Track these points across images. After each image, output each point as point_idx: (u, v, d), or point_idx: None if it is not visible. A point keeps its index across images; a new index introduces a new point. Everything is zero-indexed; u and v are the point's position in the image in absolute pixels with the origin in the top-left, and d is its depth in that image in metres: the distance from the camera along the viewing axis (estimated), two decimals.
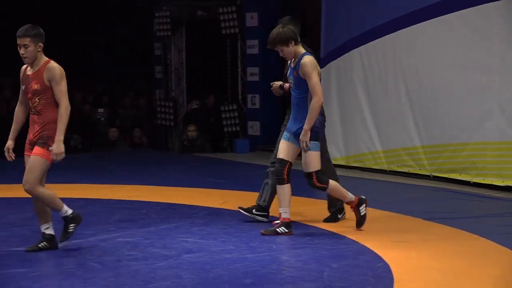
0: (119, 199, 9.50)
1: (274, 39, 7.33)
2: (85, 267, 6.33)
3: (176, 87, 16.41)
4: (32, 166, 6.65)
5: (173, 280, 5.90)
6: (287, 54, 7.35)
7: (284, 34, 7.29)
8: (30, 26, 6.70)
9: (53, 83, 6.63)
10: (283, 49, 7.32)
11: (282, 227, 7.45)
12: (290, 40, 7.28)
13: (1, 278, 6.00)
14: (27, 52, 6.65)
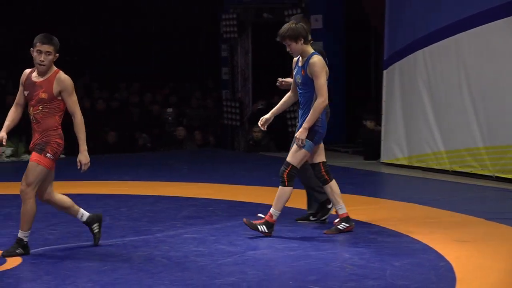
0: (187, 196, 9.64)
1: (284, 33, 7.25)
2: (152, 262, 6.47)
3: (242, 88, 16.57)
4: (29, 170, 6.59)
5: (238, 276, 6.01)
6: (294, 51, 7.31)
7: (296, 30, 7.22)
8: (51, 35, 6.64)
9: (65, 94, 6.59)
10: (291, 45, 7.26)
11: (343, 224, 7.49)
12: (299, 37, 7.23)
13: (74, 271, 6.18)
14: (46, 60, 6.55)
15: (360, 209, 8.66)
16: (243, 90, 16.58)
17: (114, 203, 9.23)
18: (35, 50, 6.55)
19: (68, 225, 7.86)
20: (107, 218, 8.26)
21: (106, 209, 8.75)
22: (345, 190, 10.03)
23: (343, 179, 11.11)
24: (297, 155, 7.37)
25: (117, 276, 6.05)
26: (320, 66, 7.21)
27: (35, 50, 6.55)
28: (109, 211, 8.66)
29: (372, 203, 9.25)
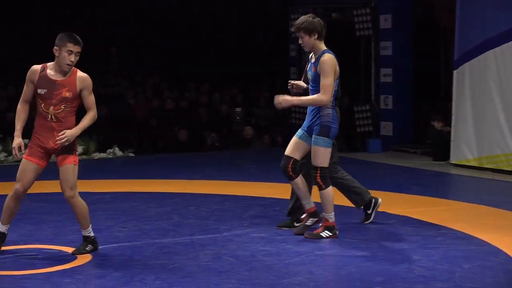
0: (254, 195, 9.68)
1: (301, 25, 7.12)
2: (220, 261, 6.52)
3: None
4: (68, 174, 6.58)
5: (306, 276, 6.02)
6: (306, 44, 7.18)
7: (312, 24, 7.13)
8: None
9: (86, 92, 6.56)
10: (304, 38, 7.13)
11: (311, 219, 7.50)
12: (314, 32, 7.13)
13: (142, 269, 6.26)
14: (75, 61, 6.53)
15: (428, 211, 8.60)
16: None
17: (183, 201, 9.31)
18: (65, 50, 6.44)
19: (138, 223, 7.96)
20: (175, 217, 8.36)
21: (175, 207, 8.86)
22: (414, 191, 10.00)
23: (412, 180, 11.08)
24: (319, 156, 7.19)
25: (185, 274, 6.11)
26: (330, 65, 7.09)
27: (65, 50, 6.44)
28: (178, 209, 8.75)
29: (441, 205, 9.16)
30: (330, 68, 7.08)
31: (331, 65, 7.10)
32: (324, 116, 7.18)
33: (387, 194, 9.80)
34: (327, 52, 7.16)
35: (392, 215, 8.43)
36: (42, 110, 6.51)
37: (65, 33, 6.53)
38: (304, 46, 7.24)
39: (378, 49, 15.34)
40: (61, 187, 6.63)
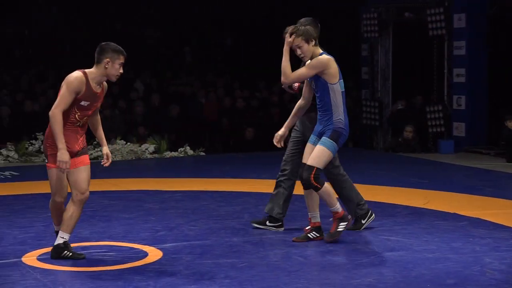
0: None
1: (297, 32, 6.93)
2: (289, 260, 6.52)
3: (382, 87, 16.45)
4: (88, 175, 6.52)
5: (375, 277, 5.99)
6: (306, 52, 6.95)
7: (308, 30, 6.93)
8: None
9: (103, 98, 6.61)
10: (302, 47, 6.93)
11: (314, 232, 7.23)
12: (312, 38, 6.93)
13: (212, 267, 6.31)
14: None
15: (502, 213, 8.47)
16: (383, 90, 16.47)
17: (253, 200, 9.34)
18: (118, 63, 6.39)
19: (208, 222, 8.01)
20: (245, 216, 8.39)
21: (245, 207, 8.89)
22: (486, 193, 9.85)
23: (484, 181, 10.92)
24: (320, 157, 6.91)
25: (254, 273, 6.13)
26: (318, 64, 6.85)
27: (118, 63, 6.39)
28: (248, 208, 8.78)
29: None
30: (316, 66, 6.86)
31: (318, 64, 6.85)
32: (336, 122, 6.93)
33: (459, 196, 9.70)
34: (324, 54, 6.95)
35: (464, 216, 8.32)
36: (75, 118, 6.40)
37: (112, 44, 6.42)
38: (304, 55, 6.98)
39: (452, 48, 15.16)
40: (77, 187, 6.47)
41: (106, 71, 6.36)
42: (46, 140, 6.47)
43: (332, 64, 6.91)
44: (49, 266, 6.33)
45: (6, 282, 5.91)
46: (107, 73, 6.36)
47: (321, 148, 6.89)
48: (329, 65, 6.89)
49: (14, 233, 7.61)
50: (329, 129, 6.92)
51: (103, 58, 6.35)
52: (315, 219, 7.25)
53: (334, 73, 6.90)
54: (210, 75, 19.91)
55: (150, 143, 14.11)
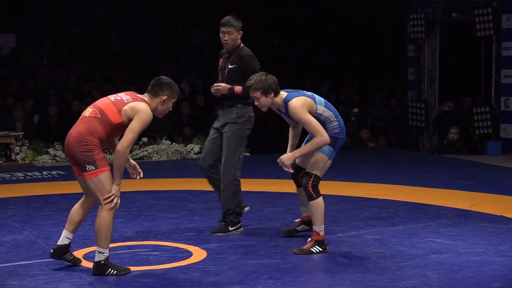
0: (368, 197, 9.63)
1: (256, 86, 6.74)
2: (334, 262, 6.52)
3: (428, 88, 16.34)
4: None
5: (420, 280, 5.96)
6: (263, 104, 6.80)
7: (266, 83, 6.72)
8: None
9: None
10: (260, 99, 6.78)
11: (303, 225, 7.37)
12: (270, 91, 6.73)
13: (256, 268, 6.33)
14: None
15: None
16: (429, 91, 16.34)
17: (297, 201, 9.28)
18: (171, 102, 6.38)
19: (252, 222, 8.03)
20: (289, 217, 8.40)
21: (289, 207, 8.89)
22: None
23: None
24: (319, 163, 6.85)
25: (298, 274, 6.13)
26: (300, 109, 6.70)
27: (171, 102, 6.38)
28: (292, 209, 8.77)
29: None
30: (303, 111, 6.70)
31: (302, 109, 6.71)
32: (331, 129, 6.87)
33: (506, 198, 9.59)
34: (289, 99, 6.78)
35: (511, 219, 8.24)
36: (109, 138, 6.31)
37: (172, 82, 6.36)
38: (261, 106, 6.85)
39: (500, 49, 15.00)
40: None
41: (160, 106, 6.27)
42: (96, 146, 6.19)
43: (303, 102, 6.78)
44: None
45: (52, 280, 5.99)
46: (159, 108, 6.28)
47: (319, 155, 6.88)
48: (305, 103, 6.77)
49: (61, 232, 7.66)
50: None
51: (160, 94, 6.26)
52: (305, 213, 7.34)
53: (310, 104, 6.81)
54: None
55: (195, 143, 14.17)
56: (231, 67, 7.80)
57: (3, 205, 9.25)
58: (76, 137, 6.08)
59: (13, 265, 6.42)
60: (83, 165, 6.05)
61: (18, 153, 13.60)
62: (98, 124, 6.09)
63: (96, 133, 6.08)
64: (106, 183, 6.08)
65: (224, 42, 7.80)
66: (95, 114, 6.13)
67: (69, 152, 6.15)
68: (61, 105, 16.29)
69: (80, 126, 6.12)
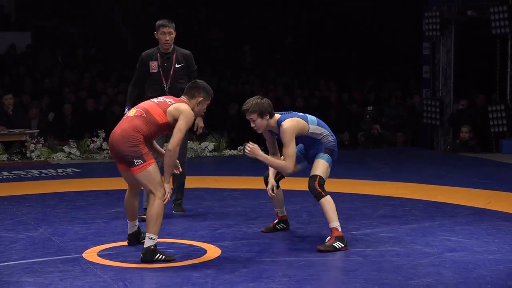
0: (383, 195, 9.60)
1: (252, 109, 6.93)
2: (348, 260, 6.50)
3: (443, 87, 16.28)
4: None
5: (435, 278, 5.93)
6: (259, 126, 6.98)
7: (262, 106, 6.92)
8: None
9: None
10: (256, 121, 6.96)
11: (281, 224, 7.60)
12: (265, 113, 6.92)
13: (270, 265, 6.31)
14: None
15: None
16: (444, 89, 16.29)
17: (311, 199, 9.25)
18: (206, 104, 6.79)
19: (266, 220, 8.01)
20: (304, 214, 8.39)
21: (304, 205, 8.88)
22: None
23: None
24: (321, 168, 7.02)
25: (312, 272, 6.12)
26: (289, 133, 6.88)
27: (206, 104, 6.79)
28: (307, 207, 8.77)
29: None
30: (290, 136, 6.88)
31: (291, 132, 6.89)
32: (326, 143, 7.13)
33: None
34: (282, 120, 6.96)
35: None
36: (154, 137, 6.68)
37: (208, 86, 6.76)
38: (257, 128, 7.02)
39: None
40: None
41: (196, 107, 6.66)
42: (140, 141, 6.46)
43: (296, 125, 6.96)
44: (109, 262, 6.41)
45: (67, 277, 6.01)
46: (196, 109, 6.66)
47: (320, 161, 7.06)
48: (297, 127, 6.96)
49: (76, 229, 7.72)
50: (321, 148, 7.11)
51: (197, 95, 6.65)
52: (281, 213, 7.61)
53: (302, 125, 7.01)
54: (270, 74, 19.94)
55: (209, 141, 14.18)
56: (178, 66, 8.31)
57: (18, 202, 9.28)
58: (121, 134, 6.42)
59: (28, 262, 6.44)
60: (131, 160, 6.38)
61: (33, 151, 13.65)
62: (143, 123, 6.45)
63: (141, 130, 6.43)
64: (155, 174, 6.42)
65: (165, 42, 8.26)
66: (140, 114, 6.50)
67: (115, 149, 6.48)
68: (76, 103, 16.35)
69: (125, 124, 6.48)
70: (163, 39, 8.27)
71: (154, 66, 8.32)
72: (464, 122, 15.07)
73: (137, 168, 6.38)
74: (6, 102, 14.25)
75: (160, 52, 8.34)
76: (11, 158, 13.47)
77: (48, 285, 5.80)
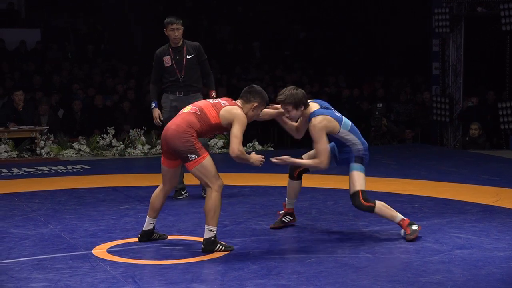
0: (392, 192, 9.59)
1: (288, 100, 6.95)
2: (357, 256, 6.50)
3: (453, 83, 16.26)
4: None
5: (444, 275, 5.93)
6: (293, 117, 7.08)
7: (297, 97, 6.93)
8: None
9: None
10: (291, 112, 7.01)
11: (287, 216, 7.62)
12: (300, 105, 6.95)
13: (279, 262, 6.32)
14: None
15: None
16: (454, 86, 16.27)
17: (321, 196, 9.33)
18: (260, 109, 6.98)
19: (275, 217, 7.99)
20: (313, 211, 8.39)
21: (313, 202, 8.88)
22: None
23: None
24: (358, 179, 7.05)
25: (322, 269, 6.12)
26: (318, 130, 6.88)
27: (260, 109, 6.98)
28: (316, 204, 8.78)
29: None
30: (319, 133, 6.88)
31: (320, 129, 6.89)
32: (356, 151, 7.12)
33: None
34: (315, 115, 6.97)
35: None
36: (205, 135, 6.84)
37: (264, 92, 6.89)
38: (291, 118, 7.15)
39: None
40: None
41: (250, 111, 6.80)
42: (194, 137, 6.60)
43: (326, 124, 6.94)
44: (119, 259, 6.42)
45: (76, 273, 6.02)
46: (250, 113, 6.80)
47: (354, 173, 7.07)
48: (327, 126, 6.94)
49: (85, 226, 7.74)
50: (352, 156, 7.10)
51: (252, 100, 6.78)
52: (290, 205, 7.60)
53: (333, 126, 6.98)
54: (279, 70, 19.93)
55: (218, 138, 14.19)
56: (189, 57, 9.04)
57: (28, 199, 9.31)
58: (176, 129, 6.55)
59: (38, 259, 6.46)
60: (185, 155, 6.51)
61: (43, 147, 13.69)
62: (197, 120, 6.58)
63: (195, 126, 6.57)
64: (210, 167, 6.56)
65: (175, 37, 8.98)
66: (195, 111, 6.64)
67: (169, 144, 6.59)
68: (86, 100, 16.37)
69: (179, 120, 6.62)
70: (172, 35, 8.98)
71: (167, 60, 9.06)
72: (473, 119, 15.05)
73: (192, 162, 6.51)
74: (16, 98, 14.29)
75: (171, 47, 9.06)
76: (21, 154, 13.51)
77: (57, 281, 5.82)
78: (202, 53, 9.17)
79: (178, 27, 8.97)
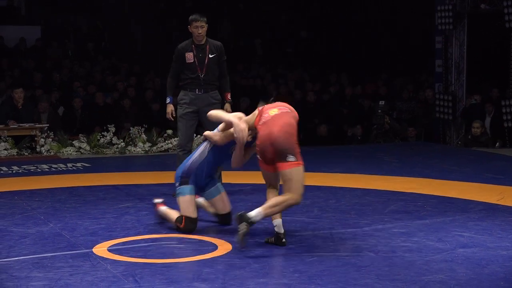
0: (395, 190, 9.54)
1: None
2: (360, 255, 6.46)
3: (456, 81, 16.20)
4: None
5: (447, 274, 5.89)
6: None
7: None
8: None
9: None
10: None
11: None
12: None
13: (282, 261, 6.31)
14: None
15: None
16: (457, 83, 16.21)
17: (323, 194, 9.29)
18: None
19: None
20: (315, 210, 8.35)
21: (315, 201, 8.84)
22: None
23: None
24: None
25: (324, 268, 6.08)
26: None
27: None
28: (318, 202, 8.73)
29: None
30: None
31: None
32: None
33: None
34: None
35: None
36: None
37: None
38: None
39: None
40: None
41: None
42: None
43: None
44: (120, 258, 6.38)
45: (77, 272, 5.98)
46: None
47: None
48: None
49: (86, 224, 7.70)
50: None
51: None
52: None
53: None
54: (281, 68, 19.89)
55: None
56: (211, 56, 9.06)
57: (28, 197, 9.28)
58: (286, 130, 6.64)
59: (38, 257, 6.42)
60: (286, 155, 6.53)
61: (43, 145, 13.65)
62: (292, 118, 6.82)
63: (294, 128, 6.74)
64: (302, 175, 6.60)
65: (199, 35, 8.95)
66: (286, 110, 6.91)
67: (275, 145, 6.57)
68: (86, 97, 16.33)
69: (284, 121, 6.73)
70: (196, 32, 8.95)
71: (190, 57, 9.02)
72: (476, 117, 14.99)
73: (288, 164, 6.52)
74: (16, 96, 14.24)
75: (195, 43, 9.04)
76: (21, 152, 13.47)
77: (58, 280, 5.78)
78: (223, 54, 9.24)
79: (202, 24, 8.95)
